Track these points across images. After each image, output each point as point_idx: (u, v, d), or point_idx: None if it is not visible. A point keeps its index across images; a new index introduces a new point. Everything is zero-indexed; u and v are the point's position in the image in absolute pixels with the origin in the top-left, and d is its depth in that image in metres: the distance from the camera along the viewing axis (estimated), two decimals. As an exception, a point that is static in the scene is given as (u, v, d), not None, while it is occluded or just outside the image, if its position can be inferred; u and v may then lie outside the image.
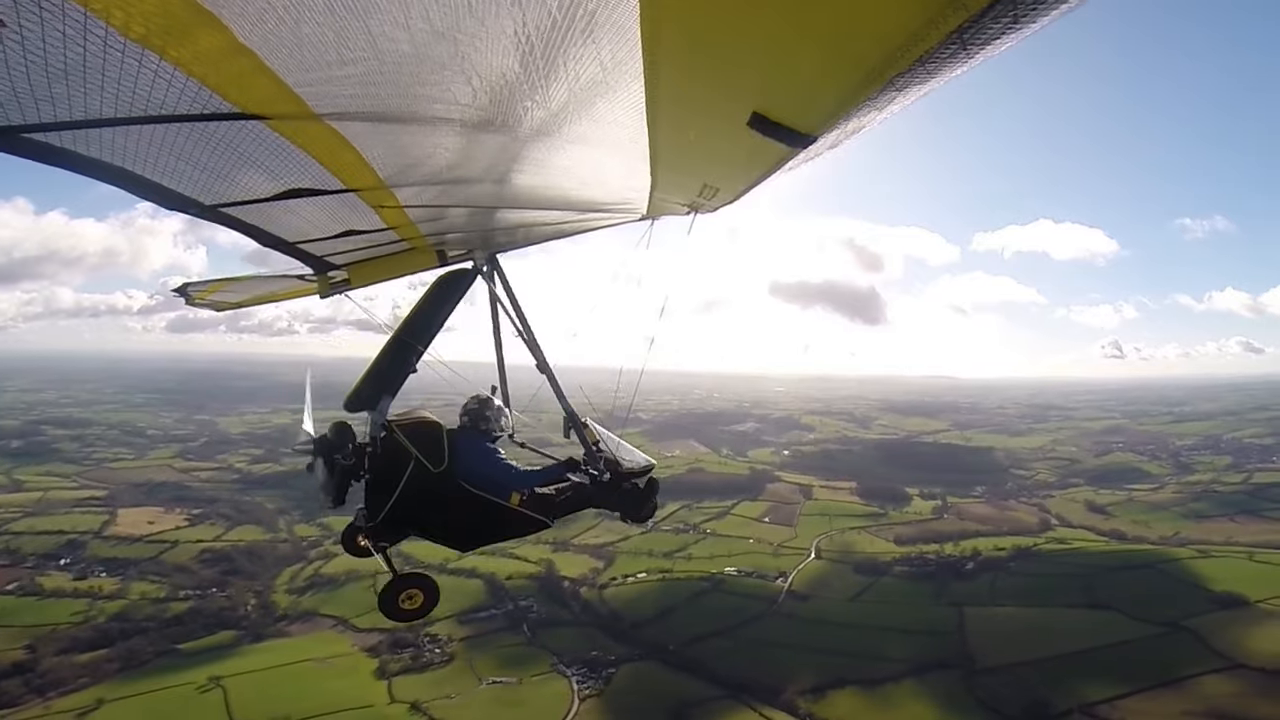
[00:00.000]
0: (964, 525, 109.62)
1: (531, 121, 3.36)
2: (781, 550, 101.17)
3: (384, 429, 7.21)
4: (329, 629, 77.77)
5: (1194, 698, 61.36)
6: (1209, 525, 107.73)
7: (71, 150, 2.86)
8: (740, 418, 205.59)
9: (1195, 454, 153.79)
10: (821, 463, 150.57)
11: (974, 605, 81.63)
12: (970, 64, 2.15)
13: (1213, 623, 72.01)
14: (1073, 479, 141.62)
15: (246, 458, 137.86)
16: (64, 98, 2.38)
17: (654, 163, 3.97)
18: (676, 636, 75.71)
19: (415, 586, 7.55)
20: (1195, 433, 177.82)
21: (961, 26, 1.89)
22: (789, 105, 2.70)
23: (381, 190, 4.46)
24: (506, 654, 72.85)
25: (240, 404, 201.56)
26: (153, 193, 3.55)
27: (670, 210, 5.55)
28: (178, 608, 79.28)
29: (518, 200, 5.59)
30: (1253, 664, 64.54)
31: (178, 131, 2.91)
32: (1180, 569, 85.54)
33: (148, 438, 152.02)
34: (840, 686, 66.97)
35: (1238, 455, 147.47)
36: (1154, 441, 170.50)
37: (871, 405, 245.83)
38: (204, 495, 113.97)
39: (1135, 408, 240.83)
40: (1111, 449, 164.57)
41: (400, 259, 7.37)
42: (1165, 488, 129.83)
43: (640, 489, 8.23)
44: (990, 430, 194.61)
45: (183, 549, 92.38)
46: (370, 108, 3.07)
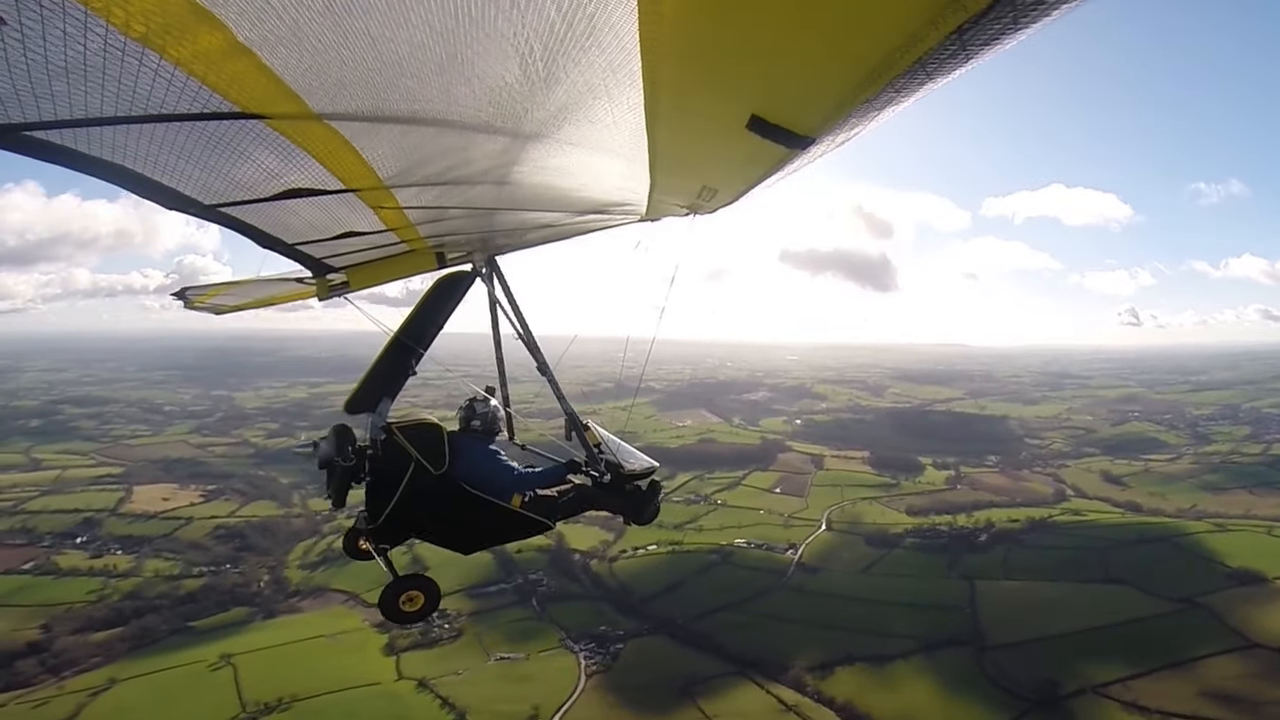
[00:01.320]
0: (977, 496, 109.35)
1: (531, 123, 3.39)
2: (792, 521, 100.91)
3: (384, 431, 7.21)
4: (340, 604, 78.22)
5: (1209, 678, 60.65)
6: (1227, 497, 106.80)
7: (72, 148, 2.87)
8: (752, 386, 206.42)
9: (1213, 424, 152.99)
10: (834, 432, 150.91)
11: (986, 579, 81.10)
12: (970, 65, 2.10)
13: (1229, 600, 71.33)
14: (1088, 448, 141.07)
15: (262, 432, 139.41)
16: (65, 96, 2.38)
17: (653, 165, 4.00)
18: (685, 610, 75.75)
19: (416, 588, 7.48)
20: (1213, 402, 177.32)
21: (961, 27, 1.86)
22: (788, 107, 2.71)
23: (381, 191, 4.47)
24: (515, 629, 73.15)
25: (257, 379, 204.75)
26: (153, 191, 3.56)
27: (670, 211, 5.60)
28: (191, 585, 79.80)
29: (517, 202, 5.63)
30: (1271, 644, 63.80)
31: (178, 130, 2.92)
32: (1196, 543, 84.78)
33: (165, 414, 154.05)
34: (849, 663, 66.54)
35: (1256, 426, 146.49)
36: (1171, 411, 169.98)
37: (885, 373, 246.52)
38: (219, 471, 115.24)
39: (1152, 376, 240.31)
40: (1128, 418, 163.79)
41: (399, 261, 7.37)
42: (1182, 458, 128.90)
43: (642, 491, 8.29)
44: (1004, 399, 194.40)
45: (197, 525, 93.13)
46: (370, 108, 3.09)
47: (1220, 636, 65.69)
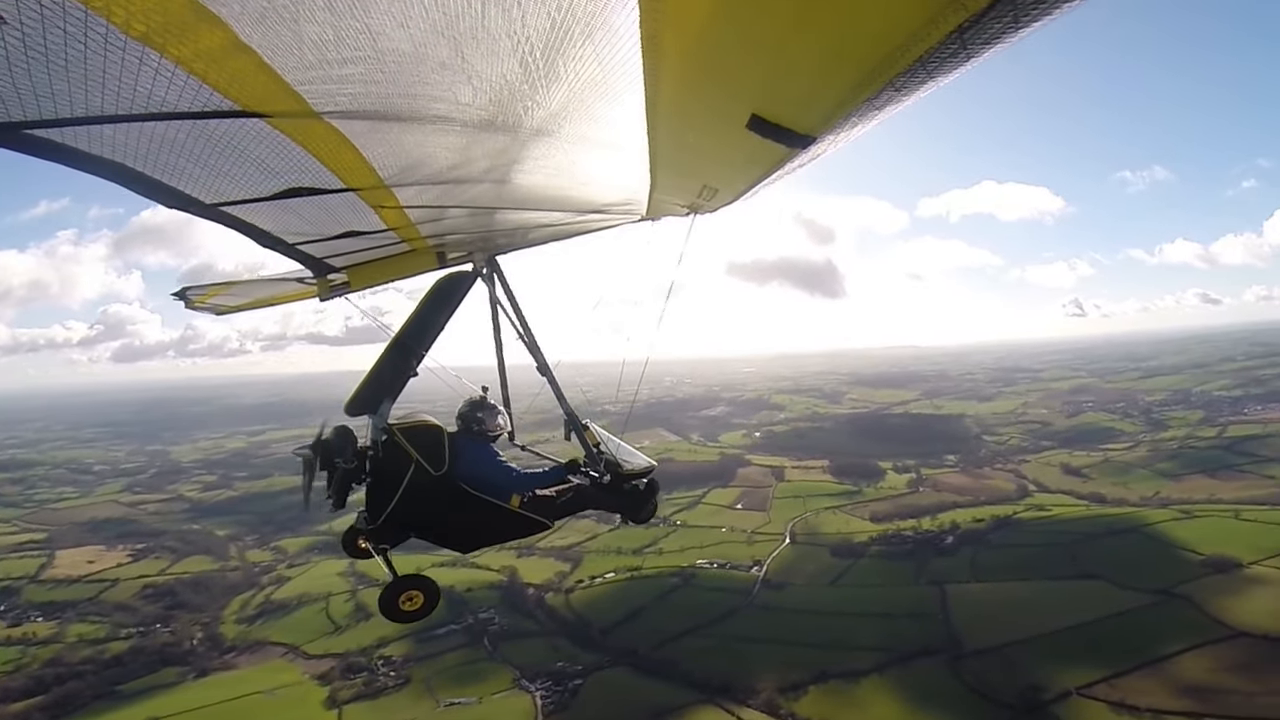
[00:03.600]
0: (940, 497, 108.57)
1: (532, 122, 3.36)
2: (755, 537, 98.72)
3: (385, 432, 7.23)
4: (279, 658, 74.42)
5: (1195, 671, 58.50)
6: (1189, 483, 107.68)
7: (72, 146, 2.87)
8: (710, 402, 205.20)
9: (1166, 409, 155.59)
10: (793, 442, 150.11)
11: (956, 583, 79.12)
12: (970, 64, 2.10)
13: (1207, 588, 69.86)
14: (1046, 442, 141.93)
15: (198, 485, 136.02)
16: (65, 94, 2.39)
17: (654, 164, 3.98)
18: (647, 639, 72.15)
19: (415, 588, 7.49)
20: (1164, 387, 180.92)
21: (961, 26, 1.87)
22: (788, 107, 2.68)
23: (381, 190, 4.44)
24: (465, 672, 68.99)
25: (194, 430, 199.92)
26: (153, 190, 3.55)
27: (670, 211, 5.51)
28: (117, 648, 75.42)
29: (518, 201, 5.56)
30: (1254, 631, 62.09)
31: (178, 129, 2.92)
32: (1164, 532, 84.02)
33: (95, 474, 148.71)
34: (821, 681, 63.44)
35: (1209, 409, 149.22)
36: (1124, 399, 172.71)
37: (841, 380, 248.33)
38: (149, 529, 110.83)
39: (1102, 365, 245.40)
40: (1082, 409, 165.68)
41: (400, 261, 7.37)
42: (1140, 446, 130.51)
43: (641, 490, 8.32)
44: (959, 397, 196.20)
45: (124, 586, 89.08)
46: (371, 107, 3.07)
47: (1202, 627, 63.80)
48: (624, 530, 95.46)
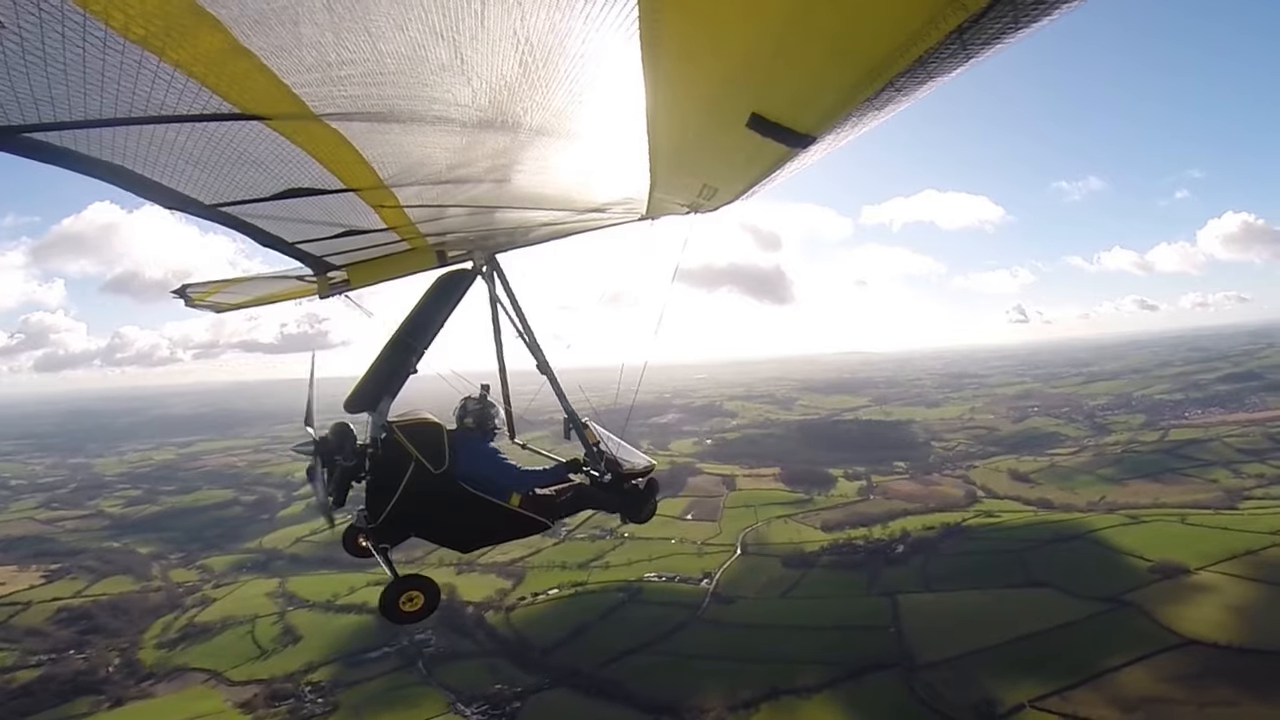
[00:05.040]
0: (891, 505, 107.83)
1: (531, 122, 3.36)
2: (705, 549, 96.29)
3: (384, 430, 7.13)
4: (200, 684, 70.19)
5: (1149, 681, 57.40)
6: (1134, 486, 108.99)
7: (71, 150, 2.88)
8: (661, 409, 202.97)
9: (1109, 414, 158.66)
10: (744, 449, 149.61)
11: (908, 593, 77.53)
12: (971, 64, 2.12)
13: (1155, 595, 69.24)
14: (993, 447, 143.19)
15: (121, 500, 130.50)
16: (64, 98, 2.39)
17: (653, 163, 3.95)
18: (591, 658, 69.10)
19: (415, 588, 7.30)
20: (1106, 392, 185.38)
21: (961, 26, 1.89)
22: (788, 106, 2.69)
23: (381, 190, 4.44)
24: (397, 697, 65.21)
25: (120, 442, 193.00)
26: (153, 192, 3.53)
27: (670, 210, 5.38)
28: (26, 676, 70.86)
29: (517, 200, 5.55)
30: (1205, 639, 61.41)
31: (178, 131, 2.92)
32: (1111, 538, 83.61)
33: (10, 489, 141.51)
34: (773, 698, 61.10)
35: (1150, 413, 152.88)
36: (1068, 404, 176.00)
37: (792, 386, 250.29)
38: (66, 547, 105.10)
39: (1045, 370, 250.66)
40: (1028, 414, 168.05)
41: (400, 259, 7.36)
42: (1085, 451, 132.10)
43: (640, 490, 8.26)
44: (908, 403, 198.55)
45: (36, 610, 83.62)
46: (370, 108, 3.07)
47: (1151, 637, 62.85)
48: (568, 543, 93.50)
